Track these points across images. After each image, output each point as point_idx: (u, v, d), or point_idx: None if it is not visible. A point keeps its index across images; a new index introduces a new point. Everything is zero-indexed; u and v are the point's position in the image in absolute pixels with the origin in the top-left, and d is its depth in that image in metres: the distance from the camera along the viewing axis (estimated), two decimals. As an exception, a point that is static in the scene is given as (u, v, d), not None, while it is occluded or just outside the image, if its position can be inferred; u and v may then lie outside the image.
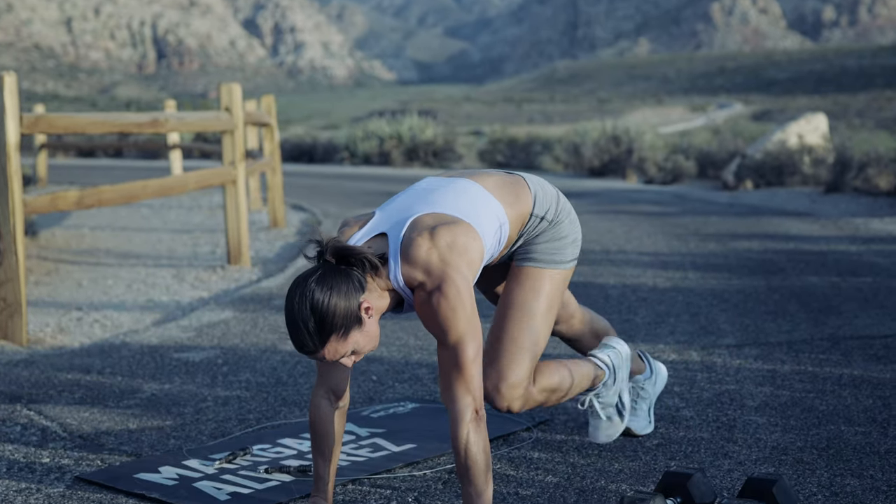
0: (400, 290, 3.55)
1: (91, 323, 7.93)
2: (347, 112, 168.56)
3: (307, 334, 3.36)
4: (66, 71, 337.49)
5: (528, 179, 3.96)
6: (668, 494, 3.61)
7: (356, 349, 3.46)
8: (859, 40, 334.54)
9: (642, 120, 70.18)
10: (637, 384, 4.64)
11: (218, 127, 10.15)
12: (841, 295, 8.07)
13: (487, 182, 3.84)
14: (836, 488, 3.95)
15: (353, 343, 3.43)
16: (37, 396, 5.56)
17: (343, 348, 3.42)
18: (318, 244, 3.45)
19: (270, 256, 11.32)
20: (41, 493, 4.05)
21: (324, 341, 3.38)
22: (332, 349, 3.40)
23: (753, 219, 13.92)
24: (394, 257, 3.52)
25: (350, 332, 3.40)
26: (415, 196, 3.72)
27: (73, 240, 12.85)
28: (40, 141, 22.03)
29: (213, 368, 6.14)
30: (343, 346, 3.41)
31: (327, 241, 3.44)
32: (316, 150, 34.48)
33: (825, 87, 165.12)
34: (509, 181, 3.90)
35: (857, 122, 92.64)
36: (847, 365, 5.89)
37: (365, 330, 3.45)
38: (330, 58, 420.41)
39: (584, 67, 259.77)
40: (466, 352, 3.46)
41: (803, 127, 22.37)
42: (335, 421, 3.73)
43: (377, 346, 3.65)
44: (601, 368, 4.26)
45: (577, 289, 8.39)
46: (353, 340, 3.42)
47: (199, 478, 4.18)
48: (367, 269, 3.45)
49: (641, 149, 25.04)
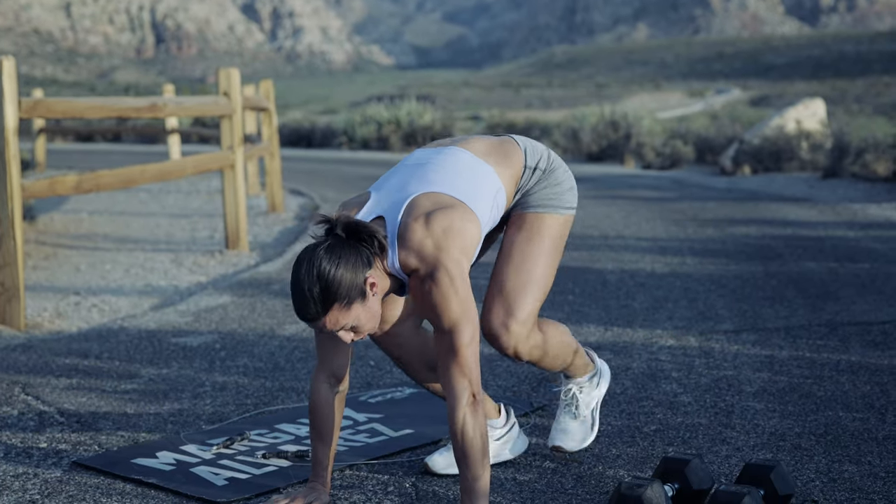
0: (396, 274, 3.55)
1: (89, 308, 7.92)
2: (346, 97, 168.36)
3: (311, 300, 3.38)
4: (65, 55, 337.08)
5: (515, 138, 3.94)
6: (666, 480, 3.61)
7: (357, 325, 3.46)
8: (857, 26, 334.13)
9: (640, 105, 70.19)
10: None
11: (216, 112, 10.14)
12: (839, 281, 8.07)
13: (477, 147, 3.81)
14: (834, 474, 3.96)
15: (355, 317, 3.44)
16: (34, 381, 5.56)
17: (344, 319, 3.42)
18: (327, 220, 3.46)
19: (268, 241, 11.31)
20: (38, 478, 4.05)
21: (326, 309, 3.39)
22: (333, 318, 3.41)
23: (751, 204, 13.92)
24: (391, 243, 3.52)
25: (353, 305, 3.42)
26: (409, 173, 3.69)
27: (72, 224, 12.84)
28: (39, 125, 22.00)
29: (211, 353, 6.14)
30: (344, 317, 3.42)
31: (338, 217, 3.46)
32: (314, 135, 34.43)
33: (823, 73, 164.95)
34: (497, 143, 3.88)
35: (855, 107, 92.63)
36: (845, 351, 5.89)
37: (368, 305, 3.46)
38: (328, 43, 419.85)
39: (582, 52, 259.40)
40: (462, 336, 3.46)
41: (801, 112, 22.35)
42: (335, 405, 3.74)
43: (377, 326, 3.63)
44: (592, 362, 4.22)
45: (576, 273, 8.40)
46: (354, 314, 3.43)
47: (197, 463, 4.18)
48: (375, 248, 3.47)
49: (639, 134, 25.01)
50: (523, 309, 3.78)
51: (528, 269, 3.80)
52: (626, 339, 6.27)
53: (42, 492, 3.90)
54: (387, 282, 3.55)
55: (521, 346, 3.79)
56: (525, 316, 3.77)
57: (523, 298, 3.78)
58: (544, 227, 3.87)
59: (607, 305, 7.24)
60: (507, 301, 3.78)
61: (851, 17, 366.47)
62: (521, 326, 3.77)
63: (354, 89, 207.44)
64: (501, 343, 3.78)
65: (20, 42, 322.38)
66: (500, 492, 3.83)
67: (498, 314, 3.77)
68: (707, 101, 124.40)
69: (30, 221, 12.16)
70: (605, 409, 4.87)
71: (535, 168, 3.89)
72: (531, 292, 3.79)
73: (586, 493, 3.81)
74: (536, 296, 3.81)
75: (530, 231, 3.85)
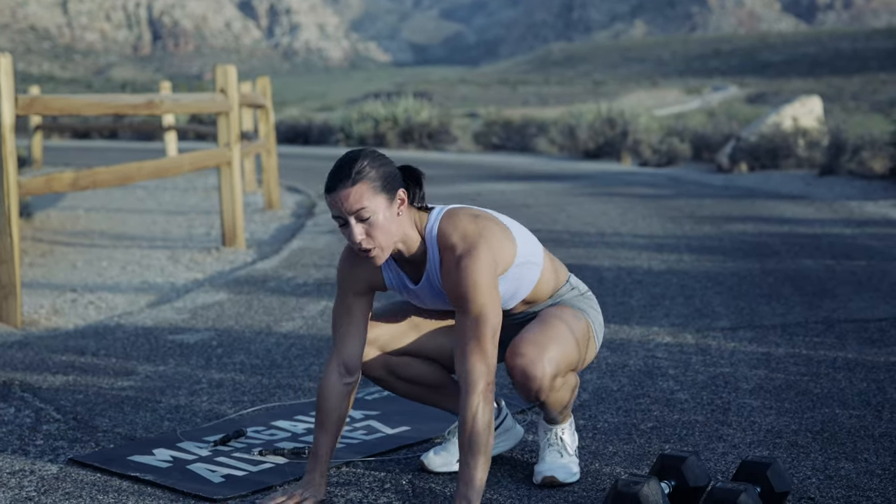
0: (429, 244, 3.64)
1: (85, 305, 7.92)
2: (343, 94, 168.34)
3: (348, 165, 3.51)
4: (62, 52, 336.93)
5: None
6: (663, 477, 3.61)
7: (372, 222, 3.52)
8: (853, 23, 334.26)
9: (637, 102, 70.01)
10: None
11: (213, 109, 10.14)
12: (835, 278, 8.08)
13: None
14: (831, 471, 3.96)
15: (374, 210, 3.51)
16: (31, 378, 5.56)
17: (367, 202, 3.50)
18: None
19: (265, 238, 11.31)
20: (35, 475, 4.05)
21: (357, 179, 3.49)
22: (357, 193, 3.49)
23: (748, 201, 13.92)
24: (437, 213, 3.65)
25: (379, 196, 3.52)
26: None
27: (68, 221, 12.84)
28: (35, 122, 22.00)
29: (208, 350, 6.14)
30: (368, 200, 3.50)
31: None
32: (311, 132, 34.40)
33: (820, 70, 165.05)
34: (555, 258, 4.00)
35: (852, 104, 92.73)
36: (841, 348, 5.90)
37: (390, 214, 3.55)
38: (325, 39, 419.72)
39: (579, 50, 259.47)
40: (487, 324, 3.52)
41: (798, 110, 22.33)
42: (344, 396, 3.77)
43: (386, 251, 3.60)
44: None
45: (573, 271, 8.38)
46: (376, 206, 3.52)
47: (193, 460, 4.18)
48: (415, 191, 3.66)
49: (636, 131, 24.99)
50: (554, 351, 3.73)
51: (561, 328, 3.80)
52: (622, 337, 6.27)
53: (38, 489, 3.90)
54: (413, 230, 3.65)
55: (545, 381, 3.70)
56: (557, 356, 3.73)
57: (554, 348, 3.73)
58: (574, 313, 3.89)
59: (604, 303, 7.24)
60: (538, 342, 3.73)
61: (848, 15, 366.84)
62: (550, 365, 3.71)
63: (351, 86, 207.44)
64: (532, 367, 3.69)
65: (17, 39, 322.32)
66: (496, 489, 3.83)
67: (528, 353, 3.70)
68: (704, 98, 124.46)
69: (26, 218, 12.15)
70: (601, 406, 4.88)
71: (575, 287, 3.99)
72: (561, 347, 3.75)
73: (583, 491, 3.81)
74: (565, 350, 3.76)
75: (561, 310, 3.88)
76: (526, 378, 3.68)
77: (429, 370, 3.99)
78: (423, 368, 3.98)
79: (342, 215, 3.52)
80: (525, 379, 3.69)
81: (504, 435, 4.15)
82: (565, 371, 3.76)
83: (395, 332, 3.93)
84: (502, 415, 4.17)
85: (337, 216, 3.55)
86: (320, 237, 10.89)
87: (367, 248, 3.55)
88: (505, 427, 4.16)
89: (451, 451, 4.02)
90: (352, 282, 3.79)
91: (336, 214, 3.54)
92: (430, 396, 4.06)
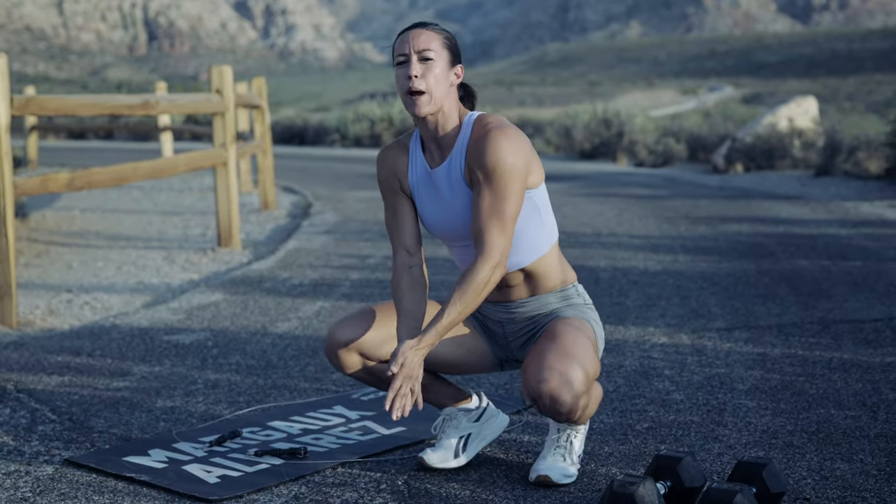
0: (464, 126, 3.85)
1: (81, 305, 7.91)
2: (338, 94, 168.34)
3: (430, 22, 3.85)
4: (57, 53, 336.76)
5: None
6: (659, 478, 3.61)
7: (431, 66, 3.76)
8: (849, 24, 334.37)
9: (633, 103, 70.09)
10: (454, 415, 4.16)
11: (209, 109, 10.13)
12: (831, 278, 8.08)
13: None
14: (826, 472, 3.96)
15: (436, 58, 3.77)
16: (26, 379, 5.56)
17: (434, 49, 3.77)
18: None
19: (261, 239, 11.31)
20: (30, 476, 4.04)
21: (433, 29, 3.81)
22: (430, 36, 3.78)
23: (744, 202, 13.93)
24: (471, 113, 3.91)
25: (445, 52, 3.79)
26: None
27: (64, 222, 12.83)
28: (31, 123, 21.97)
29: (204, 351, 6.14)
30: (435, 49, 3.77)
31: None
32: (307, 133, 34.43)
33: (815, 71, 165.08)
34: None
35: (847, 105, 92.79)
36: (837, 349, 5.90)
37: (448, 73, 3.80)
38: (321, 40, 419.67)
39: (574, 50, 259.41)
40: (509, 208, 3.69)
41: (793, 110, 22.35)
42: (412, 286, 3.94)
43: (429, 102, 3.78)
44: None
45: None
46: (439, 57, 3.78)
47: (189, 461, 4.17)
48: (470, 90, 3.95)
49: (632, 132, 24.99)
50: (577, 370, 3.69)
51: (572, 338, 3.78)
52: (618, 337, 6.27)
53: (34, 489, 3.90)
54: (455, 111, 3.85)
55: (566, 395, 3.67)
56: (580, 375, 3.69)
57: (579, 363, 3.70)
58: (582, 324, 3.90)
59: (600, 303, 7.24)
60: (559, 363, 3.69)
61: (843, 15, 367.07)
62: (579, 383, 3.68)
63: (347, 87, 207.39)
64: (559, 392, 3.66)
65: (12, 39, 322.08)
66: (491, 489, 3.83)
67: (550, 374, 3.67)
68: (699, 98, 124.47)
69: (22, 219, 12.15)
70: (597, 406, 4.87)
71: (581, 295, 4.02)
72: (581, 361, 3.72)
73: (578, 491, 3.80)
74: (585, 365, 3.72)
75: (574, 322, 3.89)
76: (556, 403, 3.67)
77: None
78: None
79: (407, 53, 3.77)
80: (554, 404, 3.68)
81: (489, 422, 4.15)
82: (589, 386, 3.75)
83: (377, 340, 3.95)
84: (483, 402, 4.17)
85: (400, 54, 3.79)
86: (316, 238, 10.89)
87: (419, 88, 3.75)
88: (489, 415, 4.16)
89: (448, 447, 4.03)
90: (388, 181, 4.00)
91: (400, 53, 3.79)
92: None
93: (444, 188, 3.84)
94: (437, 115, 3.80)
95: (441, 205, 3.87)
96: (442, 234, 3.93)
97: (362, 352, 3.92)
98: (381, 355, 3.94)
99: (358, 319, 3.95)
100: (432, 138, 3.86)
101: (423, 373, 3.98)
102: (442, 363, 4.02)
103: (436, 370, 4.05)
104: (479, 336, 4.07)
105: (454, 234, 3.88)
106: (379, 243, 10.32)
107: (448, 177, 3.82)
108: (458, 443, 4.04)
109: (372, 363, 3.96)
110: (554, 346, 3.72)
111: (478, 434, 4.10)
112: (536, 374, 3.67)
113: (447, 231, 3.90)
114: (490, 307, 4.01)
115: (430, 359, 3.98)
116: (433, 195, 3.88)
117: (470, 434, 4.08)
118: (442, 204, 3.86)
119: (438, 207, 3.88)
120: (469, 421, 4.08)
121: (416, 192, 3.93)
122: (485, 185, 3.69)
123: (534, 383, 3.66)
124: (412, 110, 3.77)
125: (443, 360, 4.01)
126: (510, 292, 3.94)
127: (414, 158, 3.94)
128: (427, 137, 3.87)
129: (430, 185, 3.88)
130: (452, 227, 3.86)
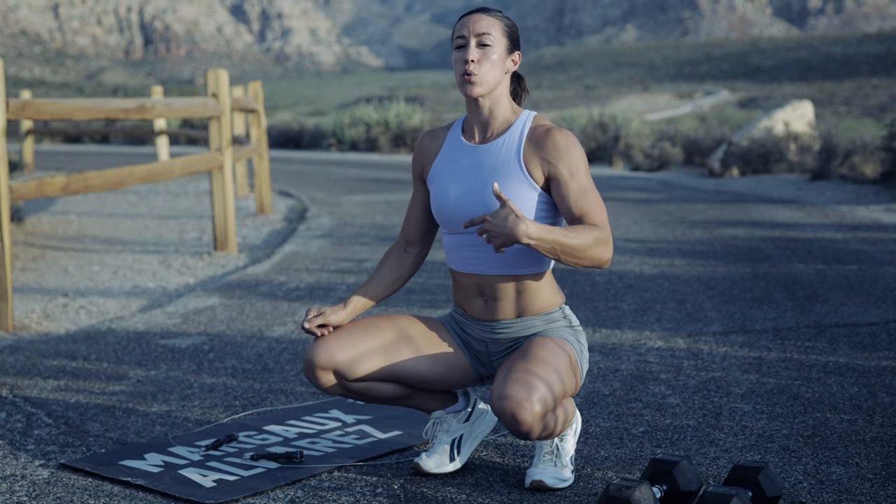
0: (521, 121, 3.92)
1: (77, 309, 7.91)
2: (334, 98, 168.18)
3: (493, 8, 3.91)
4: (53, 57, 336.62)
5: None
6: (655, 482, 3.62)
7: (488, 52, 3.84)
8: (845, 28, 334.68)
9: (629, 107, 70.13)
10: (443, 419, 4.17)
11: (205, 113, 10.13)
12: (827, 282, 8.08)
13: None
14: (822, 476, 3.96)
15: (495, 44, 3.84)
16: (22, 383, 5.56)
17: (493, 32, 3.84)
18: None
19: (257, 243, 11.31)
20: (26, 480, 4.04)
21: (495, 16, 3.87)
22: (490, 21, 3.85)
23: (739, 206, 13.93)
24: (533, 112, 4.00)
25: (504, 39, 3.87)
26: None
27: (60, 226, 12.83)
28: (27, 127, 21.97)
29: (200, 355, 6.14)
30: (495, 33, 3.85)
31: None
32: (303, 137, 34.42)
33: (811, 75, 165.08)
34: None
35: (843, 109, 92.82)
36: (833, 353, 5.90)
37: (504, 59, 3.89)
38: (317, 44, 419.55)
39: (570, 54, 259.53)
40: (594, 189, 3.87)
41: (789, 114, 22.38)
42: (399, 259, 4.12)
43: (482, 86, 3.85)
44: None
45: (563, 275, 8.40)
46: (497, 43, 3.85)
47: (185, 465, 4.18)
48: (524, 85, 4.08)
49: (628, 136, 25.01)
50: (541, 389, 3.67)
51: (543, 356, 3.77)
52: (614, 341, 6.27)
53: (30, 493, 3.90)
54: (507, 100, 3.94)
55: (535, 418, 3.65)
56: (544, 395, 3.67)
57: (540, 383, 3.67)
58: (559, 343, 3.87)
59: (595, 307, 7.25)
60: (524, 381, 3.67)
61: (839, 20, 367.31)
62: (540, 404, 3.65)
63: (343, 91, 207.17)
64: (519, 410, 3.63)
65: (8, 43, 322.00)
66: (487, 493, 3.83)
67: (518, 391, 3.64)
68: (695, 102, 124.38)
69: (18, 223, 12.14)
70: (593, 410, 4.88)
71: (567, 318, 4.02)
72: (546, 381, 3.69)
73: (574, 495, 3.81)
74: (551, 385, 3.69)
75: (551, 341, 3.87)
76: (515, 422, 3.65)
77: (391, 388, 4.00)
78: (384, 389, 3.99)
79: (466, 36, 3.84)
80: (514, 423, 3.65)
81: (479, 420, 4.16)
82: (553, 406, 3.72)
83: (351, 359, 3.91)
84: (471, 401, 4.17)
85: (459, 37, 3.86)
86: (312, 242, 10.89)
87: (474, 71, 3.82)
88: (478, 413, 4.17)
89: (442, 452, 4.03)
90: (417, 164, 4.12)
91: (459, 35, 3.86)
92: (399, 402, 4.10)
93: (486, 160, 3.88)
94: (488, 98, 3.88)
95: (471, 177, 3.89)
96: (455, 214, 3.90)
97: (338, 370, 3.91)
98: (357, 373, 3.92)
99: (334, 340, 3.93)
100: (481, 121, 3.93)
101: (403, 385, 4.02)
102: (423, 379, 4.00)
103: (415, 384, 4.03)
104: (462, 353, 4.05)
105: (467, 211, 3.86)
106: (375, 247, 10.32)
107: (496, 153, 3.87)
108: (451, 446, 4.05)
109: (348, 382, 3.94)
110: (522, 365, 3.70)
111: (470, 434, 4.11)
112: (500, 391, 3.65)
113: (463, 208, 3.87)
114: (475, 326, 4.00)
115: (407, 375, 3.98)
116: (462, 170, 3.91)
117: (462, 435, 4.10)
118: (472, 176, 3.88)
119: (465, 181, 3.89)
120: (459, 422, 4.10)
121: (440, 173, 3.96)
122: (570, 179, 3.80)
123: (496, 399, 3.65)
124: (465, 90, 3.85)
125: (424, 376, 3.99)
126: (498, 308, 3.93)
127: (452, 139, 4.01)
128: (475, 120, 3.94)
129: (464, 159, 3.92)
130: (470, 202, 3.85)
